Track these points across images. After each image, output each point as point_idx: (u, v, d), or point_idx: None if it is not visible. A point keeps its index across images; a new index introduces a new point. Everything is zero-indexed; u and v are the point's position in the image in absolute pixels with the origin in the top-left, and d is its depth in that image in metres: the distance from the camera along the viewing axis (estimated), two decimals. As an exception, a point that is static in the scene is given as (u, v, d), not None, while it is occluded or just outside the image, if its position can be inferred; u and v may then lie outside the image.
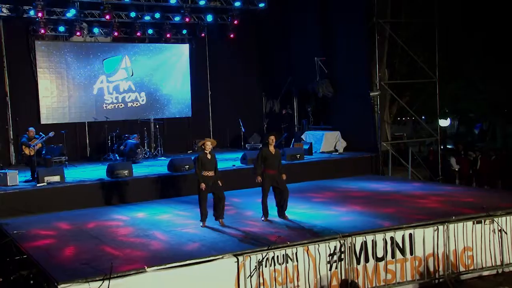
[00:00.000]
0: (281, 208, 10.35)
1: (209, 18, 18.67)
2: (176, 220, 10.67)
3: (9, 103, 17.18)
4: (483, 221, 9.87)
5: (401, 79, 19.13)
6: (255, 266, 8.07)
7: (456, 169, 17.36)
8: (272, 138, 10.28)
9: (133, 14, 17.46)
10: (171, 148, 18.79)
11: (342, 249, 8.76)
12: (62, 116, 17.74)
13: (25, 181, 13.14)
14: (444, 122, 25.77)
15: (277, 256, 8.26)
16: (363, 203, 11.48)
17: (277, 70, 20.11)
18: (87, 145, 18.38)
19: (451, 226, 9.60)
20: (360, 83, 16.91)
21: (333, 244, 8.69)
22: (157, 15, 17.83)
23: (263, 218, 10.19)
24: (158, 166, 15.31)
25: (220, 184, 9.99)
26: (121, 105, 18.64)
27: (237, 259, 7.96)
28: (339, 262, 8.75)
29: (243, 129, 19.24)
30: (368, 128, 16.92)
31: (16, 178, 12.70)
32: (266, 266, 8.17)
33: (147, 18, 18.04)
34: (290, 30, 19.42)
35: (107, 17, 16.72)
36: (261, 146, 9.34)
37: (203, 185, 9.74)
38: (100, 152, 17.82)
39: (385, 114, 18.56)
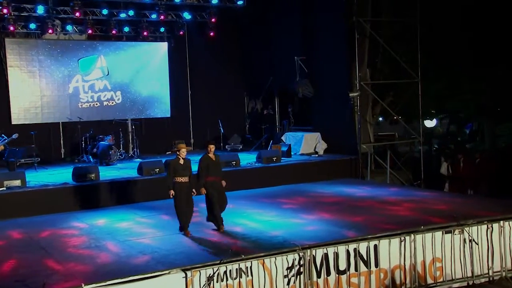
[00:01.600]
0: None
1: (187, 16, 18.15)
2: (135, 228, 10.21)
3: (-21, 103, 16.73)
4: (452, 231, 9.42)
5: (384, 79, 18.66)
6: (205, 281, 7.62)
7: (445, 173, 16.81)
8: (210, 147, 9.91)
9: (105, 11, 16.98)
10: (149, 149, 18.35)
11: (301, 262, 8.31)
12: (35, 116, 17.28)
13: (-13, 185, 12.67)
14: (430, 123, 25.34)
15: (230, 271, 7.80)
16: (333, 210, 11.04)
17: (259, 69, 19.67)
18: (62, 146, 17.92)
19: (419, 236, 9.16)
20: (341, 83, 16.48)
21: (291, 256, 8.23)
22: (131, 13, 17.35)
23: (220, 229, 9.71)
24: (130, 169, 14.84)
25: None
26: (96, 104, 18.18)
27: (186, 274, 7.50)
28: (298, 276, 8.30)
29: (221, 130, 18.77)
30: (348, 129, 16.48)
31: (-25, 183, 12.24)
32: (217, 281, 7.71)
33: (122, 15, 17.55)
34: (271, 28, 18.98)
35: (77, 14, 16.21)
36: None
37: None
38: (74, 153, 17.42)
39: (367, 114, 18.06)
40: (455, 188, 15.69)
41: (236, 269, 7.84)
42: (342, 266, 8.60)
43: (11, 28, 16.31)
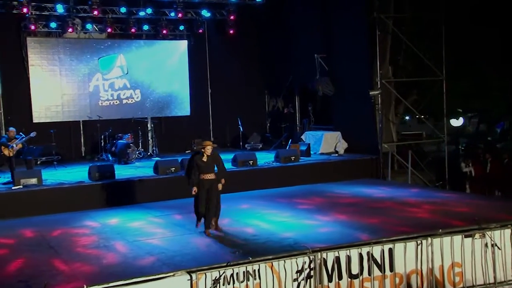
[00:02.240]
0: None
1: (205, 13, 18.03)
2: (146, 228, 10.10)
3: (1, 101, 16.85)
4: (473, 235, 9.02)
5: (407, 76, 18.20)
6: (211, 284, 7.43)
7: (468, 173, 16.30)
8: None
9: (123, 10, 16.93)
10: (168, 148, 18.29)
11: (312, 265, 8.05)
12: (55, 115, 17.33)
13: (5, 183, 12.75)
14: (456, 122, 24.70)
15: (237, 273, 7.59)
16: (349, 212, 10.74)
17: (279, 67, 19.40)
18: (82, 145, 17.98)
19: (436, 240, 8.79)
20: (361, 81, 16.08)
21: (301, 259, 7.98)
22: (149, 11, 17.27)
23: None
24: (147, 168, 14.76)
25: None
26: (116, 102, 18.17)
27: (191, 276, 7.32)
28: (308, 280, 8.04)
29: (241, 129, 18.58)
30: (369, 128, 16.10)
31: (-8, 181, 12.33)
32: (224, 284, 7.50)
33: (141, 14, 17.50)
34: (290, 25, 18.69)
35: (95, 12, 16.24)
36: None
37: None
38: (94, 152, 17.45)
39: (390, 113, 17.64)
40: (478, 188, 15.18)
41: (244, 272, 7.63)
42: (355, 270, 8.31)
43: (32, 27, 16.39)
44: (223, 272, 7.49)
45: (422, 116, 20.18)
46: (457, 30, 18.02)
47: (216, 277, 7.45)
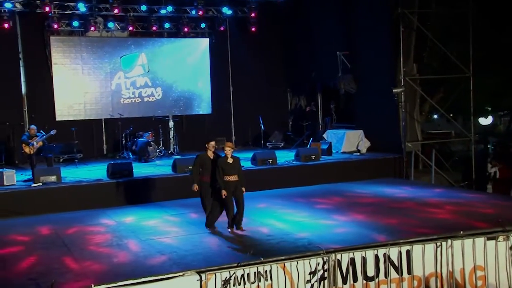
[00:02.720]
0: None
1: (226, 10, 17.94)
2: (160, 226, 10.03)
3: (25, 99, 17.04)
4: (496, 237, 8.66)
5: (433, 74, 17.74)
6: (221, 285, 7.28)
7: (492, 174, 15.82)
8: (212, 144, 9.47)
9: (144, 8, 16.94)
10: (189, 147, 18.19)
11: (325, 267, 7.84)
12: (78, 113, 17.46)
13: (26, 180, 12.85)
14: (485, 120, 24.03)
15: (248, 274, 7.43)
16: (367, 212, 10.48)
17: (302, 64, 19.18)
18: (104, 143, 18.07)
19: (457, 242, 8.47)
20: (385, 78, 15.76)
21: (314, 261, 7.77)
22: (170, 8, 17.24)
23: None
24: (166, 166, 14.70)
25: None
26: (137, 100, 18.21)
27: (200, 276, 7.19)
28: (322, 281, 7.83)
29: (262, 127, 18.41)
30: (392, 127, 15.75)
31: (14, 178, 12.42)
32: (234, 285, 7.35)
33: (162, 11, 17.47)
34: (312, 22, 18.44)
35: (116, 10, 16.28)
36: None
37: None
38: (116, 150, 17.51)
39: (415, 111, 17.21)
40: (502, 189, 14.70)
41: (255, 272, 7.46)
42: (371, 272, 8.06)
43: (55, 26, 16.52)
44: (234, 273, 7.34)
45: (451, 115, 19.69)
46: (484, 25, 17.45)
47: (226, 277, 7.31)
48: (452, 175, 16.31)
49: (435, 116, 29.37)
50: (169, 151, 17.56)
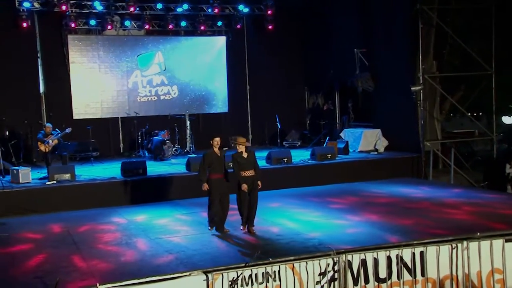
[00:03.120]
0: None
1: (242, 8, 17.82)
2: (171, 225, 9.96)
3: (43, 98, 17.14)
4: (515, 239, 8.39)
5: (453, 71, 17.37)
6: (229, 285, 7.16)
7: (511, 174, 15.39)
8: (217, 141, 9.24)
9: (159, 6, 16.90)
10: (205, 145, 17.96)
11: (336, 268, 7.66)
12: (95, 111, 17.51)
13: (41, 178, 12.90)
14: (509, 119, 23.47)
15: (255, 275, 7.30)
16: (382, 212, 10.26)
17: (319, 62, 18.93)
18: (121, 141, 18.10)
19: (473, 244, 8.21)
20: (403, 76, 15.49)
21: (324, 261, 7.60)
22: (185, 6, 17.18)
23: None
24: (181, 165, 14.63)
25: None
26: (154, 98, 18.21)
27: (207, 276, 7.08)
28: (332, 283, 7.66)
29: (279, 126, 18.24)
30: (411, 125, 15.46)
31: (29, 175, 12.47)
32: (241, 286, 7.23)
33: (179, 10, 17.43)
34: (330, 19, 18.20)
35: (132, 9, 16.28)
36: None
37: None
38: (133, 148, 17.52)
39: (434, 110, 16.87)
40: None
41: (263, 273, 7.33)
42: (383, 273, 7.87)
43: (73, 25, 16.60)
44: (241, 273, 7.22)
45: (475, 114, 19.26)
46: (507, 21, 16.98)
47: (233, 277, 7.19)
48: (473, 175, 15.94)
49: (458, 115, 28.82)
50: (185, 150, 17.51)
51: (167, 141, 16.18)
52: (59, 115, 16.69)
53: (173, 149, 16.59)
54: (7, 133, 15.96)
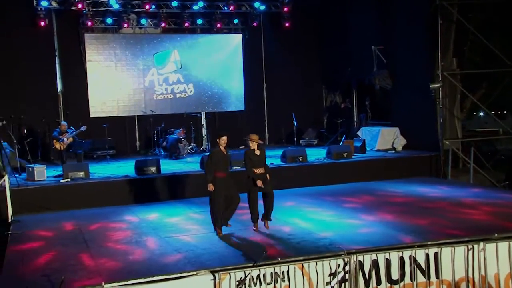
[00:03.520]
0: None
1: (258, 5, 17.69)
2: (182, 224, 9.87)
3: (60, 96, 17.24)
4: (535, 240, 8.11)
5: (474, 68, 16.98)
6: (236, 285, 7.04)
7: None
8: (224, 140, 9.08)
9: (175, 4, 16.86)
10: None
11: (346, 269, 7.48)
12: (111, 110, 17.55)
13: (56, 176, 12.95)
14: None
15: (263, 275, 7.16)
16: (397, 212, 10.04)
17: (337, 60, 18.67)
18: (137, 139, 18.11)
19: (490, 245, 7.95)
20: (422, 73, 15.21)
21: (334, 262, 7.43)
22: (201, 4, 17.12)
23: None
24: (196, 163, 14.57)
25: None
26: (170, 96, 18.18)
27: (214, 276, 6.96)
28: (343, 284, 7.48)
29: (295, 124, 18.07)
30: (430, 124, 15.16)
31: (44, 173, 12.51)
32: (249, 286, 7.09)
33: (195, 7, 17.37)
34: (347, 16, 17.96)
35: (147, 7, 16.27)
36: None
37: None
38: (149, 146, 17.53)
39: (455, 108, 16.53)
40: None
41: (271, 273, 7.18)
42: (395, 275, 7.66)
43: (89, 23, 16.68)
44: (249, 273, 7.08)
45: (499, 112, 18.84)
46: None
47: (241, 277, 7.06)
48: (494, 175, 15.58)
49: (481, 114, 28.33)
50: (201, 148, 17.47)
51: (183, 139, 16.14)
52: (76, 113, 16.80)
53: (189, 147, 16.55)
54: (25, 131, 16.10)
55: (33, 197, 11.65)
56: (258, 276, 7.12)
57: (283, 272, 7.23)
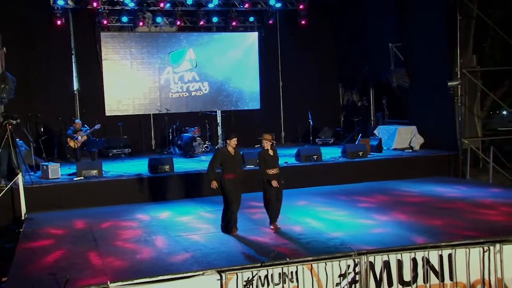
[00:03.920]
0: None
1: (273, 2, 17.51)
2: (193, 223, 9.80)
3: (77, 95, 17.31)
4: (554, 243, 7.83)
5: (495, 66, 16.59)
6: (243, 285, 6.92)
7: None
8: (234, 141, 8.92)
9: (189, 2, 16.78)
10: (238, 142, 17.88)
11: (357, 269, 7.31)
12: (127, 108, 17.57)
13: (70, 174, 12.99)
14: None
15: (271, 275, 7.03)
16: (411, 212, 9.82)
17: (354, 58, 18.42)
18: (152, 138, 18.11)
19: (508, 247, 7.71)
20: (440, 71, 14.90)
21: (344, 262, 7.26)
22: (216, 2, 17.01)
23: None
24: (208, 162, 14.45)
25: None
26: (185, 94, 18.12)
27: (221, 276, 6.86)
28: (353, 285, 7.31)
29: (311, 122, 17.88)
30: (448, 122, 14.86)
31: (58, 171, 12.53)
32: (257, 286, 6.97)
33: (210, 5, 17.29)
34: (364, 13, 17.69)
35: (162, 5, 16.24)
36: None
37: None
38: (164, 145, 17.51)
39: (474, 106, 16.16)
40: None
41: (279, 273, 7.05)
42: (407, 276, 7.47)
43: (105, 22, 16.68)
44: (256, 273, 6.96)
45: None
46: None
47: (248, 278, 6.95)
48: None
49: (504, 112, 27.71)
50: (216, 147, 17.37)
51: (198, 137, 16.07)
52: (92, 112, 16.87)
53: (204, 145, 16.47)
54: (42, 130, 16.21)
55: (46, 195, 11.69)
56: (266, 276, 7.00)
57: (292, 272, 7.10)
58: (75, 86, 17.27)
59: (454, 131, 14.71)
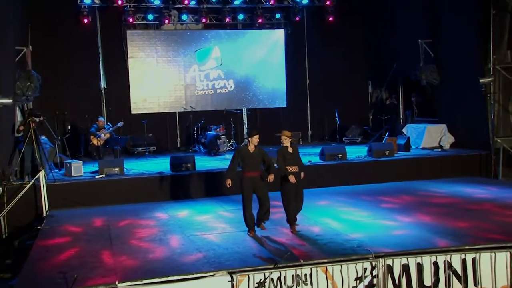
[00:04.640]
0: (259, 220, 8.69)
1: (302, -1, 17.27)
2: (210, 222, 9.64)
3: (103, 93, 17.40)
4: None
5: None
6: (255, 287, 6.72)
7: None
8: (256, 138, 8.68)
9: (215, -1, 16.70)
10: (263, 141, 17.44)
11: (374, 273, 7.03)
12: (152, 106, 17.57)
13: (93, 171, 13.02)
14: None
15: (284, 277, 6.81)
16: (436, 213, 9.46)
17: (383, 55, 17.99)
18: (178, 136, 18.07)
19: (536, 252, 7.30)
20: (472, 68, 14.33)
21: (361, 265, 6.99)
22: (240, -1, 16.88)
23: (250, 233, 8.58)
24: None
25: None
26: (210, 91, 18.02)
27: (232, 278, 6.67)
28: (370, 289, 7.04)
29: (338, 121, 17.54)
30: (480, 121, 14.32)
31: (81, 169, 12.58)
32: (269, 288, 6.77)
33: (236, 2, 17.14)
34: (393, 9, 17.23)
35: (186, 2, 16.14)
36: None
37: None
38: (189, 143, 17.45)
39: (509, 104, 15.51)
40: None
41: (292, 275, 6.83)
42: (428, 280, 7.14)
43: (130, 19, 16.74)
44: (269, 275, 6.75)
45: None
46: None
47: (260, 279, 6.75)
48: None
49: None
50: (242, 144, 17.19)
51: (222, 136, 15.93)
52: (118, 109, 16.91)
53: (229, 144, 16.32)
54: (68, 127, 16.33)
55: (68, 193, 11.73)
56: (279, 278, 6.80)
57: (305, 274, 6.88)
58: (102, 84, 17.35)
59: (486, 129, 14.17)
